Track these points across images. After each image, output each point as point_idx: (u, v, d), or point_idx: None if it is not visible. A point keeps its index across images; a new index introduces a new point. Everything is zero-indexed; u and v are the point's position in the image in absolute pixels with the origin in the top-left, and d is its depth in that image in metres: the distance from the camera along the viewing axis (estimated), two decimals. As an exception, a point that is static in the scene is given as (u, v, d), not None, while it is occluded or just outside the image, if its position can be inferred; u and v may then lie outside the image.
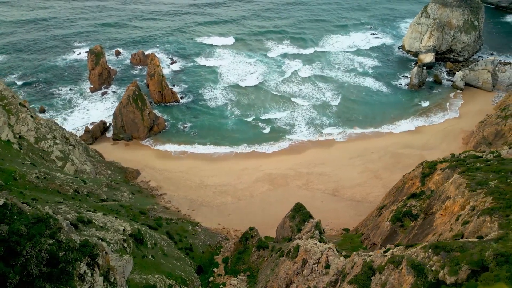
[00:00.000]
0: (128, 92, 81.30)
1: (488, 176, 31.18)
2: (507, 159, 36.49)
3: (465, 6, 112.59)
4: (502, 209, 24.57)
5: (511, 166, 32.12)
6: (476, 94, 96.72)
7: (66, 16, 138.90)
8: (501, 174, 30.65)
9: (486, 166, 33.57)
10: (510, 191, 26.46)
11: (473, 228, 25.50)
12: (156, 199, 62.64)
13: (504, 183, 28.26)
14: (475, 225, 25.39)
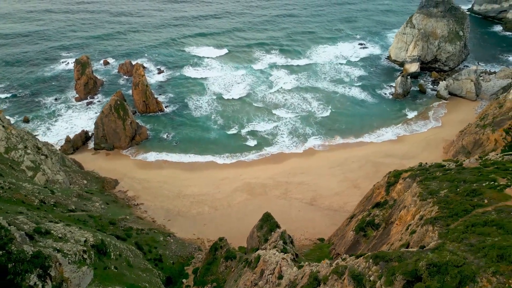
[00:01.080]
0: (110, 102, 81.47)
1: (442, 185, 31.10)
2: (467, 168, 36.44)
3: (449, 17, 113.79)
4: (444, 219, 24.43)
5: (465, 176, 32.04)
6: (459, 103, 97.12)
7: (56, 29, 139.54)
8: (454, 183, 30.57)
9: (443, 175, 33.49)
10: (456, 200, 26.33)
11: (417, 238, 25.33)
12: (132, 209, 62.27)
13: (454, 192, 28.15)
14: (419, 234, 25.23)
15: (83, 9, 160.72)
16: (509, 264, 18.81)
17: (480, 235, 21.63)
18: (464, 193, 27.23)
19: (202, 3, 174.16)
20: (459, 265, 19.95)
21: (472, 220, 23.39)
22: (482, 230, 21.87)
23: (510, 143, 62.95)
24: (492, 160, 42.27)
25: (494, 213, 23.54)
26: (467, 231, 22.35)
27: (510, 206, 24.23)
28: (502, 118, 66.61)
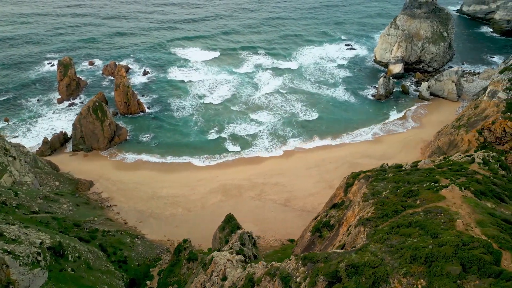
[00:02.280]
0: (89, 103, 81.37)
1: (387, 186, 31.10)
2: (420, 169, 36.48)
3: (433, 18, 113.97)
4: (375, 220, 24.42)
5: (412, 177, 32.04)
6: (441, 104, 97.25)
7: (44, 32, 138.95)
8: (399, 184, 30.58)
9: (393, 176, 33.49)
10: (390, 202, 26.33)
11: (351, 239, 25.32)
12: (104, 211, 62.16)
13: (393, 193, 28.15)
14: (352, 235, 25.22)
15: (71, 12, 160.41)
16: (420, 265, 18.83)
17: (402, 236, 21.65)
18: (402, 194, 27.22)
19: (191, 6, 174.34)
20: (375, 266, 19.97)
21: (399, 221, 23.39)
22: (405, 231, 21.88)
23: (482, 144, 63.05)
24: (451, 161, 42.35)
25: (422, 214, 23.53)
26: (391, 232, 22.36)
27: (439, 207, 24.22)
28: (476, 119, 66.71)
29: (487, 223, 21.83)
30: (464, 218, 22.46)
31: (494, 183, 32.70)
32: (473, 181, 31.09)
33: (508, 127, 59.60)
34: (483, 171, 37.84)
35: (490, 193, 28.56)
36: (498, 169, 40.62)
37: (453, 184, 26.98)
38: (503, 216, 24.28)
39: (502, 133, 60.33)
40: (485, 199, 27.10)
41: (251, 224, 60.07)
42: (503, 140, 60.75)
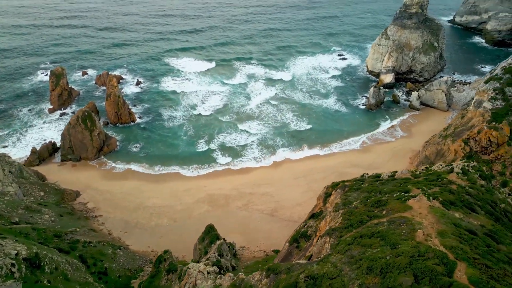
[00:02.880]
0: (78, 113, 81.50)
1: (360, 196, 30.96)
2: (397, 179, 36.39)
3: (423, 28, 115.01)
4: (340, 230, 24.26)
5: (386, 187, 31.94)
6: (431, 113, 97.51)
7: (39, 43, 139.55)
8: (371, 193, 30.45)
9: (368, 186, 33.38)
10: (358, 212, 26.20)
11: (317, 249, 25.11)
12: (89, 221, 61.77)
13: (363, 203, 28.02)
14: (318, 246, 25.03)
15: (67, 23, 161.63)
16: (376, 276, 18.65)
17: (363, 247, 21.46)
18: (370, 204, 27.09)
19: (186, 18, 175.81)
20: (333, 277, 19.79)
21: (363, 231, 23.22)
22: (366, 241, 21.71)
23: (468, 154, 63.03)
24: (431, 171, 42.27)
25: (386, 224, 23.38)
26: (353, 242, 22.18)
27: (404, 217, 24.09)
28: (462, 129, 66.81)
29: (448, 233, 21.67)
30: (426, 228, 22.32)
31: (469, 193, 32.56)
32: (445, 191, 30.96)
33: (493, 136, 59.66)
34: (460, 181, 37.74)
35: (460, 203, 28.42)
36: (477, 179, 40.48)
37: (421, 194, 26.88)
38: (468, 227, 24.13)
39: (487, 142, 60.36)
40: (454, 209, 26.95)
41: (236, 235, 59.82)
42: (488, 149, 60.76)
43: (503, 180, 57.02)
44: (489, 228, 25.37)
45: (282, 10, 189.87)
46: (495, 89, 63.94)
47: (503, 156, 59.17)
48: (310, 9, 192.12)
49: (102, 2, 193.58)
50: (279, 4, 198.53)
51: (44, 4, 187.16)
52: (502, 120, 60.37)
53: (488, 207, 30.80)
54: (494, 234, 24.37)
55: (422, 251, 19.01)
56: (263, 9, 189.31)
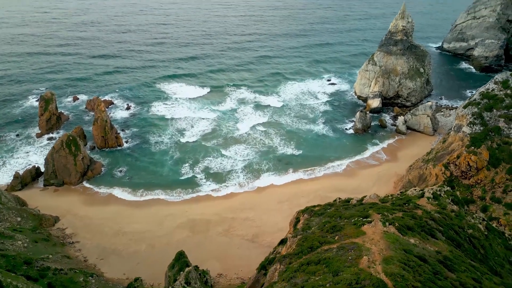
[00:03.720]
0: (62, 138, 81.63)
1: (321, 221, 30.60)
2: (365, 204, 36.08)
3: (409, 54, 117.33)
4: (291, 256, 23.82)
5: (348, 212, 31.62)
6: (417, 138, 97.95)
7: (32, 70, 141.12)
8: (332, 218, 30.10)
9: (332, 211, 33.05)
10: (311, 237, 25.80)
11: (269, 277, 24.56)
12: (65, 248, 60.64)
13: (320, 229, 27.64)
14: (270, 273, 24.49)
15: (62, 51, 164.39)
16: (312, 305, 18.14)
17: (307, 274, 21.01)
18: (326, 229, 26.72)
19: (180, 45, 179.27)
20: (272, 306, 19.24)
21: (311, 258, 22.79)
22: (311, 268, 21.26)
23: (449, 178, 62.84)
24: (404, 196, 42.04)
25: (335, 251, 22.98)
26: (299, 269, 21.73)
27: (355, 243, 23.70)
28: (443, 153, 66.92)
29: (394, 260, 21.26)
30: (373, 254, 21.92)
31: (433, 219, 32.23)
32: (407, 217, 30.66)
33: (472, 161, 59.66)
34: (430, 206, 37.53)
35: (419, 229, 28.06)
36: (449, 204, 40.26)
37: (376, 220, 26.57)
38: (420, 253, 23.69)
39: (467, 167, 60.29)
40: (410, 235, 26.58)
41: (214, 261, 58.69)
42: (468, 174, 60.61)
43: (483, 205, 56.67)
44: (445, 255, 24.92)
45: (274, 38, 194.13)
46: (473, 114, 64.49)
47: (483, 181, 58.95)
48: (302, 37, 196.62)
49: (97, 31, 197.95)
50: (271, 32, 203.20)
51: (41, 32, 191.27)
52: (480, 144, 60.54)
53: (451, 232, 30.39)
54: (448, 261, 23.91)
55: (361, 279, 18.59)
56: (255, 37, 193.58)
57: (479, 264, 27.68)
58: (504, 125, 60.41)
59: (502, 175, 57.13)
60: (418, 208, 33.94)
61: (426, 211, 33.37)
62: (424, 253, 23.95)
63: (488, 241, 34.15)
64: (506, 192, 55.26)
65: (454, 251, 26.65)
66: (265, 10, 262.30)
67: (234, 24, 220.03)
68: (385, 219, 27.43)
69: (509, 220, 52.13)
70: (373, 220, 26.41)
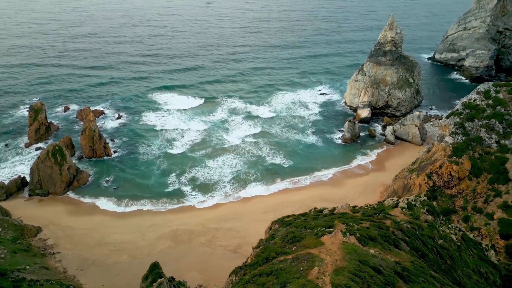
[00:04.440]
0: (48, 147, 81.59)
1: (287, 231, 30.38)
2: (336, 214, 35.90)
3: (398, 65, 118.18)
4: (246, 268, 23.59)
5: (315, 222, 31.45)
6: (406, 148, 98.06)
7: (24, 82, 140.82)
8: (297, 229, 29.91)
9: (299, 221, 32.85)
10: (271, 248, 25.58)
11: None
12: (46, 258, 60.07)
13: (282, 239, 27.44)
14: (226, 284, 24.22)
15: (56, 63, 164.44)
16: (254, 317, 17.90)
17: (257, 285, 20.77)
18: (286, 240, 26.53)
19: (174, 56, 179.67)
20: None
21: (265, 269, 22.57)
22: (262, 280, 21.04)
23: (432, 188, 62.72)
24: (379, 205, 41.88)
25: (289, 261, 22.78)
26: (250, 281, 21.49)
27: (310, 253, 23.51)
28: (427, 163, 66.91)
29: (345, 271, 21.06)
30: (326, 265, 21.72)
31: (401, 229, 32.04)
32: (374, 227, 30.50)
33: (453, 171, 59.62)
34: (402, 216, 37.39)
35: (382, 239, 27.86)
36: (424, 214, 40.11)
37: (337, 230, 26.41)
38: (377, 264, 23.47)
39: (449, 176, 60.22)
40: (371, 245, 26.37)
41: (195, 272, 58.19)
42: (450, 184, 60.50)
43: (464, 215, 56.47)
44: (404, 266, 24.70)
45: (268, 49, 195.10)
46: (456, 124, 64.68)
47: (464, 191, 58.83)
48: (296, 48, 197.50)
49: (93, 42, 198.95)
50: (266, 44, 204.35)
51: (37, 44, 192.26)
52: (462, 154, 60.56)
53: (417, 243, 30.18)
54: (406, 272, 23.69)
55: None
56: (250, 49, 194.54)
57: (442, 275, 27.43)
58: (485, 135, 60.56)
59: (484, 185, 57.04)
60: (388, 219, 33.75)
61: (395, 221, 33.18)
62: (381, 264, 23.72)
63: (458, 252, 33.88)
64: (487, 202, 55.11)
65: (416, 262, 26.42)
66: (260, 21, 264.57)
67: (229, 35, 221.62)
68: (347, 230, 27.28)
69: (489, 230, 51.88)
70: (334, 231, 26.26)
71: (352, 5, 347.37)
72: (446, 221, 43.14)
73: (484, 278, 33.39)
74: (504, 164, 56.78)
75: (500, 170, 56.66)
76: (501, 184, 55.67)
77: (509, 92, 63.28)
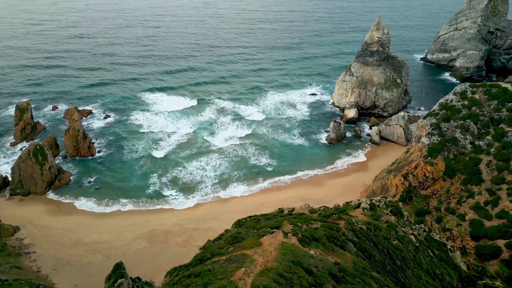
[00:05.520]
0: (29, 147, 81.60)
1: (234, 233, 30.30)
2: (293, 214, 35.83)
3: (386, 65, 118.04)
4: (180, 269, 23.54)
5: (266, 222, 31.40)
6: (391, 148, 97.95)
7: (15, 84, 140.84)
8: (246, 230, 29.84)
9: (251, 222, 32.80)
10: (210, 249, 25.53)
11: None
12: (20, 258, 60.09)
13: (225, 240, 27.37)
14: (161, 285, 24.14)
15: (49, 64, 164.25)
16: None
17: (182, 286, 20.71)
18: (228, 240, 26.49)
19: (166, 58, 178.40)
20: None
21: (196, 270, 22.52)
22: (187, 281, 21.03)
23: (408, 189, 62.64)
24: (341, 206, 41.82)
25: (221, 262, 22.72)
26: (178, 282, 21.45)
27: (244, 254, 23.46)
28: (404, 164, 66.82)
29: (271, 272, 21.00)
30: (255, 266, 21.67)
31: (353, 229, 31.98)
32: (325, 227, 30.45)
33: (428, 171, 59.53)
34: (362, 217, 37.35)
35: (326, 240, 27.79)
36: (387, 214, 40.09)
37: (278, 231, 26.37)
38: (311, 265, 23.40)
39: (423, 177, 60.13)
40: (313, 246, 26.32)
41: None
42: (425, 184, 60.42)
43: (438, 216, 56.40)
44: (342, 267, 24.63)
45: (262, 51, 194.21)
46: (432, 125, 64.57)
47: (438, 191, 58.72)
48: (289, 49, 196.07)
49: (85, 44, 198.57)
50: (259, 45, 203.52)
51: (29, 45, 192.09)
52: (437, 155, 60.45)
53: (366, 244, 30.13)
54: (341, 273, 23.62)
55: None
56: (243, 50, 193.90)
57: (385, 275, 27.36)
58: (460, 136, 60.45)
59: (457, 185, 56.94)
60: (343, 219, 33.68)
61: (350, 222, 33.10)
62: (317, 265, 23.63)
63: (411, 253, 33.76)
64: (460, 203, 55.02)
65: (359, 262, 26.33)
66: (255, 22, 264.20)
67: (223, 36, 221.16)
68: (292, 230, 27.21)
69: (461, 231, 51.80)
70: (275, 231, 26.22)
71: (349, 5, 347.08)
72: (410, 222, 43.09)
73: (439, 280, 33.31)
74: (477, 165, 56.71)
75: (473, 171, 56.57)
76: (474, 185, 55.59)
77: (485, 93, 63.18)
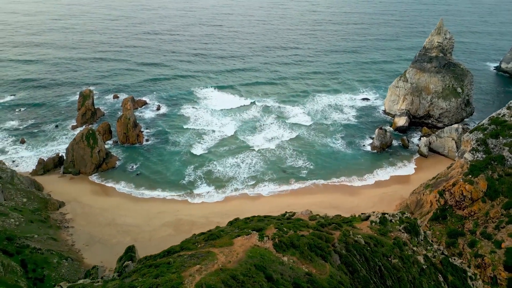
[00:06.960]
0: (83, 131, 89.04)
1: (224, 230, 30.47)
2: (292, 219, 35.09)
3: (446, 72, 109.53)
4: (149, 258, 24.33)
5: (257, 224, 31.12)
6: (439, 161, 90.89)
7: (84, 73, 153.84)
8: (230, 229, 29.88)
9: (242, 223, 32.69)
10: (184, 244, 25.99)
11: (132, 275, 25.27)
12: (60, 231, 65.99)
13: (206, 237, 27.68)
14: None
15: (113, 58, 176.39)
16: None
17: (139, 275, 21.43)
18: (204, 238, 26.75)
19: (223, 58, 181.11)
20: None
21: (161, 261, 23.10)
22: (145, 270, 21.77)
23: (443, 206, 57.80)
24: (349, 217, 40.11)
25: (185, 257, 23.05)
26: (138, 270, 22.21)
27: (210, 252, 23.59)
28: (442, 180, 61.67)
29: (225, 273, 20.82)
30: (212, 265, 21.66)
31: (346, 242, 30.44)
32: (313, 236, 29.40)
33: (466, 190, 54.30)
34: (366, 230, 35.61)
35: (305, 248, 26.75)
36: (399, 231, 37.79)
37: (253, 233, 26.01)
38: (275, 272, 22.73)
39: (461, 196, 54.97)
40: (290, 253, 25.57)
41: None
42: (462, 204, 55.20)
43: (471, 240, 51.46)
44: (313, 278, 23.60)
45: (320, 54, 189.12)
46: (478, 140, 58.54)
47: (476, 213, 53.30)
48: (348, 53, 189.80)
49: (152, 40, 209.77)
50: (318, 48, 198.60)
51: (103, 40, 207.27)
52: (479, 173, 54.78)
53: (354, 258, 28.48)
54: (309, 284, 22.66)
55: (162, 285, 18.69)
56: (301, 52, 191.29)
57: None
58: (508, 155, 54.11)
59: (498, 209, 51.17)
60: (339, 230, 32.10)
61: (346, 233, 31.42)
62: (283, 272, 22.83)
63: (412, 275, 30.98)
64: (498, 228, 49.45)
65: (335, 276, 24.90)
66: (316, 25, 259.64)
67: (284, 38, 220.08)
68: (273, 234, 26.59)
69: (494, 259, 46.64)
70: (251, 233, 25.83)
71: (427, 8, 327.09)
72: (428, 242, 39.64)
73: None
74: (525, 189, 50.43)
75: (519, 195, 50.45)
76: (518, 210, 49.58)
77: (546, 109, 55.77)
